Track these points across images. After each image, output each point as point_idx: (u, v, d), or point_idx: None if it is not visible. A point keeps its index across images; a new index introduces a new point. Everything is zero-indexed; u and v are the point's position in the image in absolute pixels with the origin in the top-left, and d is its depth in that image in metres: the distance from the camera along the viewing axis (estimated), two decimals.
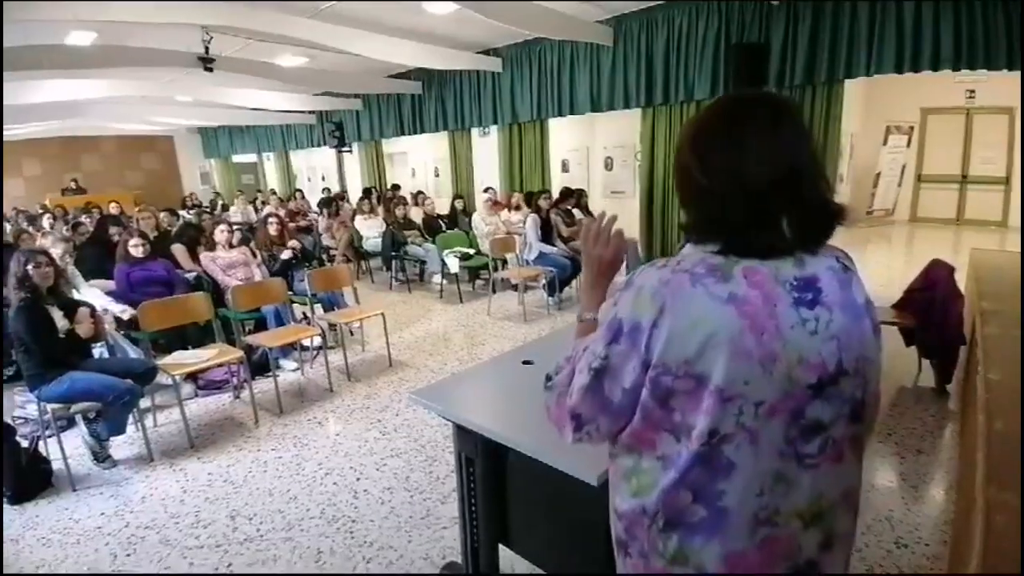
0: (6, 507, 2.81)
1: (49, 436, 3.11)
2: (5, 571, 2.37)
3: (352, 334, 5.19)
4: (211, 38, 6.33)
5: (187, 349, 3.92)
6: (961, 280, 3.72)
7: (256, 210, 10.82)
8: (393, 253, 7.32)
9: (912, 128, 9.84)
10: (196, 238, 5.52)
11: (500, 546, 1.96)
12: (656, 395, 0.84)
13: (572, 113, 7.92)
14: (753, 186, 0.82)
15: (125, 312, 4.08)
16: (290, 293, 4.73)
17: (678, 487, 0.85)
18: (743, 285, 0.81)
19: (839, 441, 0.88)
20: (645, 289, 0.84)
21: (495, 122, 9.00)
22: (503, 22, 6.09)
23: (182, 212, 9.55)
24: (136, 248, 4.50)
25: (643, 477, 0.90)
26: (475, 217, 7.73)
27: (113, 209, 9.52)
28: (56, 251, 4.08)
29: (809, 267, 0.86)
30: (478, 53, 8.33)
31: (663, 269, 0.85)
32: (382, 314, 4.64)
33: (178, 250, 5.41)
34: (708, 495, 0.85)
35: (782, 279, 0.83)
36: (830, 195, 0.87)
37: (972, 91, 9.12)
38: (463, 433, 1.83)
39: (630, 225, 7.70)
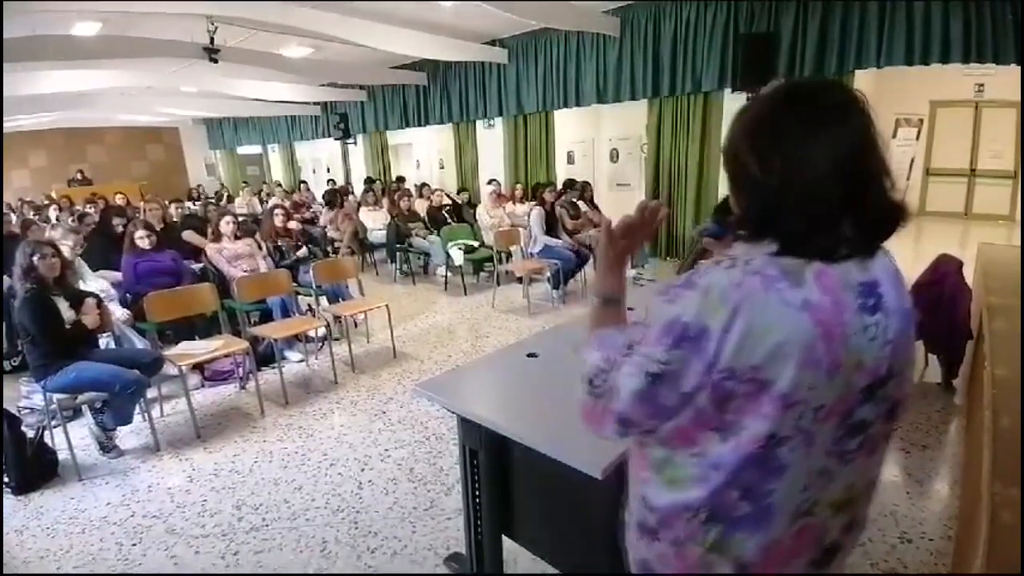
0: (12, 497, 2.83)
1: (55, 426, 3.13)
2: (9, 561, 2.38)
3: (356, 326, 5.20)
4: (216, 28, 6.32)
5: (193, 340, 3.94)
6: (969, 275, 3.70)
7: (261, 202, 10.84)
8: (398, 245, 7.32)
9: (921, 121, 9.75)
10: (200, 228, 5.76)
11: (504, 537, 1.97)
12: (715, 398, 0.82)
13: (578, 105, 7.89)
14: (816, 184, 0.78)
15: (124, 315, 4.04)
16: (295, 285, 4.74)
17: (728, 487, 0.85)
18: (816, 291, 0.78)
19: (875, 437, 0.90)
20: (714, 290, 0.80)
21: (500, 114, 8.97)
22: (510, 12, 6.06)
23: (187, 204, 9.59)
24: (142, 240, 4.51)
25: (678, 471, 0.89)
26: (479, 209, 7.71)
27: (119, 200, 9.55)
28: (67, 243, 4.09)
29: (871, 270, 0.84)
30: (484, 44, 8.29)
31: (732, 270, 0.80)
32: (386, 306, 4.64)
33: (188, 234, 5.86)
34: (757, 493, 0.84)
35: (850, 284, 0.81)
36: (893, 193, 0.84)
37: (981, 84, 9.02)
38: (467, 425, 1.83)
39: None
